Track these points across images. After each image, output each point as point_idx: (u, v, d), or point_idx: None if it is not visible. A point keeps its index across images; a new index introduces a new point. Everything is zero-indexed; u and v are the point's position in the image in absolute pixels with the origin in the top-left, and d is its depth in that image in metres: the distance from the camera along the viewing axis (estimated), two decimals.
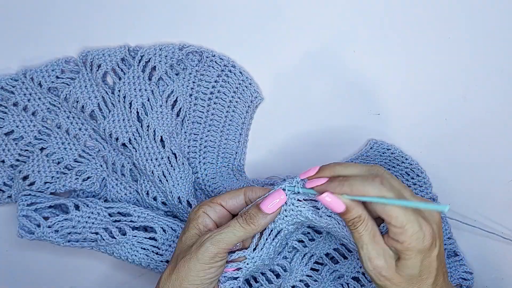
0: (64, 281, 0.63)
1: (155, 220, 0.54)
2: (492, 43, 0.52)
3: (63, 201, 0.54)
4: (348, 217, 0.42)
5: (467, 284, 0.57)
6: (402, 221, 0.41)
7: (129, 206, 0.55)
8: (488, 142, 0.55)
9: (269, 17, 0.53)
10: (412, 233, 0.41)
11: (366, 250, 0.42)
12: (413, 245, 0.41)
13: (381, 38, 0.52)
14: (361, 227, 0.42)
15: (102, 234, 0.53)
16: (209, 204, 0.47)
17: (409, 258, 0.41)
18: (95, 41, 0.54)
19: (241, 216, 0.46)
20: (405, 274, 0.42)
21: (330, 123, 0.56)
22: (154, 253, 0.54)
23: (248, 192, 0.48)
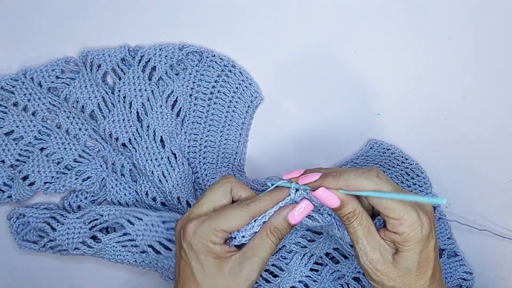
0: (64, 281, 0.63)
1: (122, 214, 0.55)
2: (492, 43, 0.52)
3: (40, 225, 0.56)
4: (343, 212, 0.42)
5: (467, 284, 0.57)
6: (400, 212, 0.41)
7: (97, 208, 0.55)
8: (488, 142, 0.55)
9: (269, 17, 0.53)
10: (411, 223, 0.41)
11: (362, 245, 0.42)
12: (412, 235, 0.41)
13: (381, 38, 0.52)
14: (356, 222, 0.42)
15: (82, 248, 0.55)
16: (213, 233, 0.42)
17: (408, 249, 0.41)
18: (95, 41, 0.54)
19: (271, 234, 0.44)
20: (403, 267, 0.42)
21: (330, 123, 0.56)
22: (133, 247, 0.55)
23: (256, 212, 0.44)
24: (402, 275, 0.42)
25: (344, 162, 0.57)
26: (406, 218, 0.41)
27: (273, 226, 0.44)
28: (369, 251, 0.42)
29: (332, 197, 0.42)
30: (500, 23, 0.51)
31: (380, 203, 0.41)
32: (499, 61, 0.52)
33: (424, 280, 0.43)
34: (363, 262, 0.43)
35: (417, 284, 0.43)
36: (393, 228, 0.41)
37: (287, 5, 0.52)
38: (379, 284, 0.43)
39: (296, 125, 0.56)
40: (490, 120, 0.54)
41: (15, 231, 0.57)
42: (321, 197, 0.42)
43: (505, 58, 0.52)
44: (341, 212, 0.43)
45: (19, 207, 0.58)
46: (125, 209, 0.55)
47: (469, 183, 0.56)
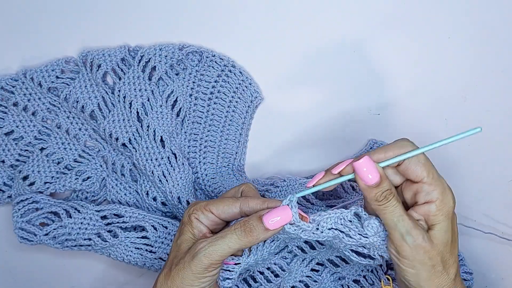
0: (64, 281, 0.63)
1: (146, 218, 0.54)
2: (492, 43, 0.52)
3: (55, 208, 0.54)
4: (381, 190, 0.41)
5: (467, 284, 0.57)
6: (433, 175, 0.42)
7: (120, 207, 0.55)
8: (488, 142, 0.55)
9: (269, 17, 0.53)
10: (443, 189, 0.42)
11: (404, 221, 0.41)
12: (446, 201, 0.42)
13: (381, 38, 0.52)
14: (394, 200, 0.41)
15: (94, 239, 0.54)
16: (202, 210, 0.45)
17: (442, 219, 0.41)
18: (95, 41, 0.54)
19: (240, 226, 0.42)
20: (440, 241, 0.41)
21: (330, 123, 0.56)
22: (148, 252, 0.54)
23: (244, 205, 0.44)
24: (440, 251, 0.42)
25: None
26: (438, 183, 0.42)
27: (245, 219, 0.43)
28: (413, 228, 0.41)
29: (373, 170, 0.41)
30: (500, 23, 0.51)
31: (416, 168, 0.41)
32: (499, 61, 0.52)
33: (455, 256, 0.43)
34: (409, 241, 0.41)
35: (450, 261, 0.42)
36: (426, 197, 0.42)
37: (287, 5, 0.52)
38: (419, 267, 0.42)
39: (296, 125, 0.56)
40: (490, 120, 0.54)
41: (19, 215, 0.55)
42: (361, 170, 0.41)
43: (505, 58, 0.52)
44: (378, 190, 0.41)
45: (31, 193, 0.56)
46: (149, 214, 0.55)
47: (469, 183, 0.56)
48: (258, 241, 0.43)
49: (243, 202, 0.44)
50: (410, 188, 0.43)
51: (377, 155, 0.42)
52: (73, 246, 0.55)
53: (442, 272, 0.42)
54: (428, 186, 0.41)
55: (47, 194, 0.57)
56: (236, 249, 0.43)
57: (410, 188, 0.43)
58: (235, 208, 0.44)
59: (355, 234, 0.43)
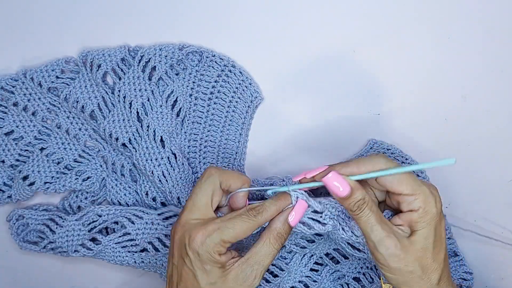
0: (64, 281, 0.63)
1: (122, 213, 0.55)
2: (492, 43, 0.52)
3: (39, 227, 0.56)
4: (353, 200, 0.42)
5: (467, 284, 0.57)
6: (413, 186, 0.41)
7: (95, 209, 0.56)
8: (488, 142, 0.55)
9: (269, 17, 0.53)
10: (425, 197, 0.41)
11: (377, 231, 0.42)
12: (428, 209, 0.41)
13: (381, 38, 0.52)
14: (367, 209, 0.42)
15: (81, 250, 0.55)
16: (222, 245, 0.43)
17: (425, 225, 0.42)
18: (95, 41, 0.54)
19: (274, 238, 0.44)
20: (420, 247, 0.42)
21: (330, 123, 0.56)
22: (133, 246, 0.55)
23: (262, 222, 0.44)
24: (419, 257, 0.42)
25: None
26: (419, 192, 0.41)
27: (276, 232, 0.44)
28: (386, 237, 0.42)
29: (343, 183, 0.42)
30: (500, 23, 0.51)
31: (393, 183, 0.41)
32: (499, 61, 0.52)
33: (438, 262, 0.43)
34: (381, 250, 0.42)
35: (432, 267, 0.42)
36: (408, 207, 0.42)
37: (287, 5, 0.52)
38: (397, 272, 0.42)
39: (296, 125, 0.56)
40: (490, 120, 0.54)
41: (15, 233, 0.57)
42: (331, 184, 0.42)
43: (505, 58, 0.52)
44: (350, 200, 0.42)
45: (18, 209, 0.57)
46: (125, 208, 0.55)
47: (469, 183, 0.56)
48: None
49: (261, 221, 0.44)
50: (394, 198, 0.43)
51: (350, 168, 0.42)
52: (69, 255, 0.56)
53: (422, 277, 0.42)
54: (408, 197, 0.42)
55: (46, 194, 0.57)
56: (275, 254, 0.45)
57: (393, 198, 0.44)
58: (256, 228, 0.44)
59: (348, 230, 0.45)
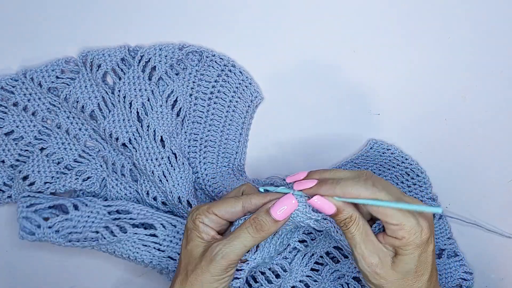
0: (64, 281, 0.63)
1: (154, 216, 0.54)
2: (491, 43, 0.52)
3: (62, 201, 0.54)
4: (339, 218, 0.43)
5: (467, 284, 0.57)
6: (398, 218, 0.41)
7: (128, 204, 0.55)
8: (488, 142, 0.55)
9: (269, 17, 0.53)
10: (411, 228, 0.41)
11: (360, 249, 0.43)
12: (412, 240, 0.41)
13: (381, 38, 0.52)
14: (353, 227, 0.43)
15: (102, 232, 0.53)
16: (205, 214, 0.46)
17: (408, 253, 0.42)
18: (95, 41, 0.54)
19: (250, 224, 0.44)
20: (402, 270, 0.42)
21: (330, 123, 0.56)
22: (156, 250, 0.54)
23: (246, 203, 0.46)
24: (401, 278, 0.43)
25: (344, 162, 0.57)
26: (405, 224, 0.41)
27: (253, 216, 0.44)
28: (368, 256, 0.43)
29: (327, 205, 0.42)
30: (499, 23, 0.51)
31: (378, 210, 0.42)
32: (499, 61, 0.52)
33: (421, 282, 0.43)
34: (362, 266, 0.43)
35: (414, 286, 0.43)
36: (392, 234, 0.42)
37: (287, 5, 0.52)
38: (378, 287, 0.44)
39: (296, 125, 0.56)
40: (490, 120, 0.54)
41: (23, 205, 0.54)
42: (317, 205, 0.43)
43: (505, 58, 0.52)
44: (337, 218, 0.43)
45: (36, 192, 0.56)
46: (157, 212, 0.55)
47: (469, 183, 0.56)
48: (270, 234, 0.44)
49: (245, 200, 0.45)
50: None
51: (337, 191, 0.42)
52: (77, 240, 0.53)
53: None
54: (393, 226, 0.42)
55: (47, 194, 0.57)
56: (251, 246, 0.44)
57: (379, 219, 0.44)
58: (238, 207, 0.45)
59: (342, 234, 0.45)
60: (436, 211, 0.40)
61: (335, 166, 0.57)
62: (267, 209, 0.44)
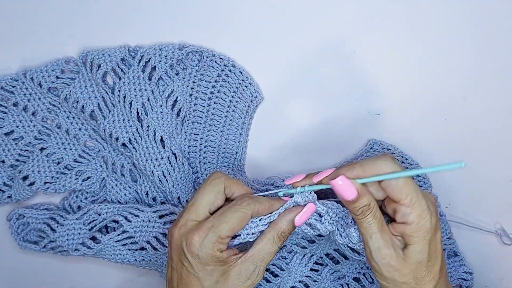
0: (64, 281, 0.63)
1: (119, 211, 0.55)
2: (492, 43, 0.52)
3: (39, 226, 0.56)
4: (358, 205, 0.42)
5: (467, 284, 0.57)
6: (412, 198, 0.41)
7: (95, 207, 0.56)
8: (488, 142, 0.55)
9: (269, 17, 0.53)
10: (421, 212, 0.41)
11: (375, 239, 0.42)
12: (422, 224, 0.41)
13: (381, 38, 0.52)
14: (370, 216, 0.42)
15: (81, 249, 0.55)
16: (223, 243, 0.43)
17: (418, 240, 0.41)
18: (95, 41, 0.54)
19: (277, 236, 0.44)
20: (414, 260, 0.42)
21: (330, 123, 0.56)
22: (132, 244, 0.55)
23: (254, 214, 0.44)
24: (414, 269, 0.42)
25: (344, 162, 0.57)
26: (416, 206, 0.41)
27: (281, 231, 0.44)
28: (383, 246, 0.42)
29: (350, 188, 0.41)
30: (500, 23, 0.51)
31: (394, 189, 0.41)
32: (499, 61, 0.52)
33: (433, 273, 0.43)
34: (376, 258, 0.42)
35: (427, 278, 0.43)
36: (402, 218, 0.41)
37: (287, 5, 0.52)
38: (391, 281, 0.43)
39: (296, 125, 0.56)
40: (490, 120, 0.54)
41: (15, 232, 0.57)
42: (339, 188, 0.42)
43: (505, 58, 0.52)
44: (356, 205, 0.42)
45: (18, 208, 0.57)
46: (122, 206, 0.55)
47: (469, 183, 0.56)
48: None
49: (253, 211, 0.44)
50: (390, 205, 0.43)
51: (356, 171, 0.42)
52: (69, 254, 0.56)
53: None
54: (405, 208, 0.41)
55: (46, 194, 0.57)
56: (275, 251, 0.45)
57: (390, 205, 0.43)
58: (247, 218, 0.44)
59: (345, 237, 0.45)
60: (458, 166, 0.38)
61: (335, 166, 0.57)
62: (292, 220, 0.45)
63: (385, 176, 0.41)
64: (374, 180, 0.42)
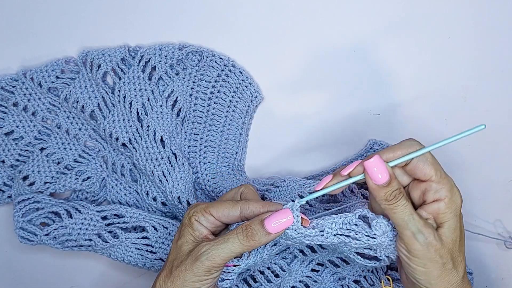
0: (64, 281, 0.63)
1: (146, 219, 0.55)
2: (492, 43, 0.52)
3: (56, 209, 0.54)
4: (391, 189, 0.41)
5: None
6: (441, 173, 0.42)
7: (120, 208, 0.55)
8: (488, 142, 0.55)
9: (269, 17, 0.53)
10: (451, 187, 0.42)
11: (414, 221, 0.41)
12: (454, 199, 0.42)
13: (381, 38, 0.52)
14: (403, 199, 0.42)
15: (95, 240, 0.54)
16: (202, 213, 0.45)
17: (452, 217, 0.42)
18: (95, 41, 0.54)
19: (242, 231, 0.43)
20: (450, 239, 0.42)
21: (330, 123, 0.56)
22: (148, 252, 0.54)
23: (244, 209, 0.44)
24: (450, 248, 0.42)
25: (344, 162, 0.57)
26: (446, 181, 0.42)
27: (247, 223, 0.43)
28: (423, 226, 0.41)
29: (383, 169, 0.41)
30: (500, 23, 0.51)
31: (424, 166, 0.42)
32: (499, 61, 0.52)
33: (462, 253, 0.43)
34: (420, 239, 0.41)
35: (459, 258, 0.43)
36: (434, 195, 0.42)
37: (287, 5, 0.52)
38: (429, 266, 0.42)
39: (296, 125, 0.56)
40: (490, 120, 0.54)
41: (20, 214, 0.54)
42: (372, 169, 0.41)
43: (505, 58, 0.52)
44: (388, 189, 0.41)
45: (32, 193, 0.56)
46: (150, 214, 0.55)
47: (469, 183, 0.56)
48: (260, 244, 0.43)
49: (243, 206, 0.44)
50: (418, 187, 0.43)
51: (386, 154, 0.42)
52: (74, 246, 0.55)
53: (452, 270, 0.42)
54: (436, 184, 0.42)
55: (47, 194, 0.57)
56: (238, 252, 0.43)
57: (418, 187, 0.43)
58: (235, 211, 0.45)
59: (362, 236, 0.43)
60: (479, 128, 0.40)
61: (335, 166, 0.57)
62: (261, 219, 0.43)
63: (414, 154, 0.41)
64: (404, 159, 0.42)
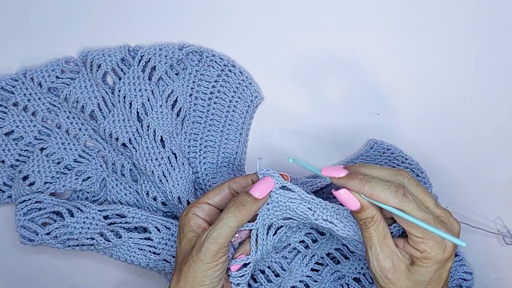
0: (64, 281, 0.63)
1: (149, 220, 0.54)
2: (492, 44, 0.52)
3: (57, 208, 0.54)
4: (361, 216, 0.42)
5: (467, 284, 0.57)
6: (423, 231, 0.40)
7: (123, 208, 0.55)
8: (488, 142, 0.55)
9: (269, 17, 0.53)
10: (434, 244, 0.40)
11: (375, 251, 0.42)
12: (433, 255, 0.41)
13: (381, 38, 0.52)
14: (372, 228, 0.42)
15: (97, 239, 0.54)
16: (196, 205, 0.47)
17: (425, 266, 0.41)
18: (95, 41, 0.54)
19: (232, 205, 0.45)
20: (414, 279, 0.42)
21: (330, 123, 0.56)
22: (151, 253, 0.54)
23: (232, 184, 0.48)
24: (411, 286, 0.42)
25: (344, 162, 0.57)
26: (429, 238, 0.40)
27: (234, 198, 0.46)
28: (381, 259, 0.42)
29: (352, 200, 0.42)
30: (500, 23, 0.51)
31: (404, 220, 0.40)
32: (499, 61, 0.52)
33: None
34: (374, 268, 0.42)
35: None
36: (414, 245, 0.41)
37: (287, 5, 0.52)
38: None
39: (296, 125, 0.56)
40: (490, 120, 0.54)
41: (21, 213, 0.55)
42: (342, 198, 0.42)
43: (505, 58, 0.52)
44: (359, 215, 0.42)
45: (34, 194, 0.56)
46: (152, 215, 0.55)
47: (469, 183, 0.56)
48: (252, 212, 0.45)
49: (230, 181, 0.48)
50: None
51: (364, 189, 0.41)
52: (75, 245, 0.55)
53: None
54: (416, 238, 0.41)
55: (47, 194, 0.57)
56: (236, 226, 0.44)
57: None
58: (225, 189, 0.48)
59: (350, 230, 0.45)
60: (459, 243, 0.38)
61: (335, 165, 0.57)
62: (246, 190, 0.46)
63: (388, 208, 0.40)
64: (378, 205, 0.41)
